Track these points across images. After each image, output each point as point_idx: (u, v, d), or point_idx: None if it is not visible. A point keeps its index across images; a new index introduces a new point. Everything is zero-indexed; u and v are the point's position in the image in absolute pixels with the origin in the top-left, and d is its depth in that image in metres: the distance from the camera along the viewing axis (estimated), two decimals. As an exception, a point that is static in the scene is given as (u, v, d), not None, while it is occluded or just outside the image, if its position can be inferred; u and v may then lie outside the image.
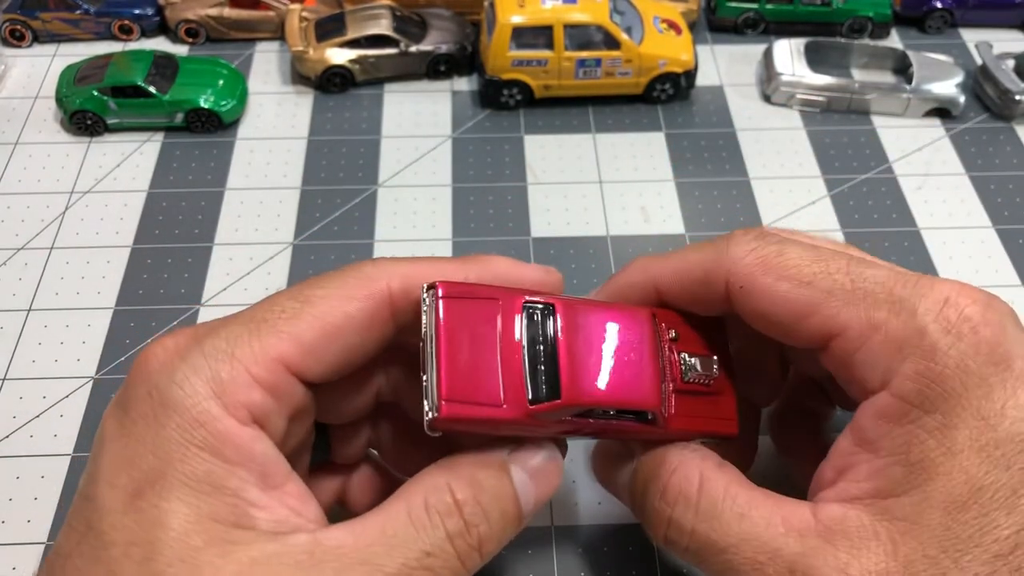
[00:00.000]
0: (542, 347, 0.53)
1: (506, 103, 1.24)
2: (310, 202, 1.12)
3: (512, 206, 1.11)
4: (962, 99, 1.23)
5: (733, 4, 1.36)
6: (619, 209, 1.11)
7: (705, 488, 0.53)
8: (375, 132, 1.22)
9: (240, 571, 0.43)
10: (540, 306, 0.54)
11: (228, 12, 1.33)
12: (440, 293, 0.51)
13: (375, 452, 0.68)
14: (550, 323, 0.53)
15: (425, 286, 0.52)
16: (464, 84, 1.30)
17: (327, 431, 0.63)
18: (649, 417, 0.55)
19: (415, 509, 0.48)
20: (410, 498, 0.49)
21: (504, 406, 0.51)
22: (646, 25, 1.24)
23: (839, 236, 1.09)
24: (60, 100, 1.19)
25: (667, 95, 1.25)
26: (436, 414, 0.49)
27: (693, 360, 0.58)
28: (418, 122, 1.23)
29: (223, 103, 1.20)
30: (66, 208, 1.11)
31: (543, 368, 0.52)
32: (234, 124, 1.22)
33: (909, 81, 1.24)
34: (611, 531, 0.82)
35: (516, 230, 1.09)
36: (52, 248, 1.06)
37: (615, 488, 0.65)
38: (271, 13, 1.34)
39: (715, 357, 0.60)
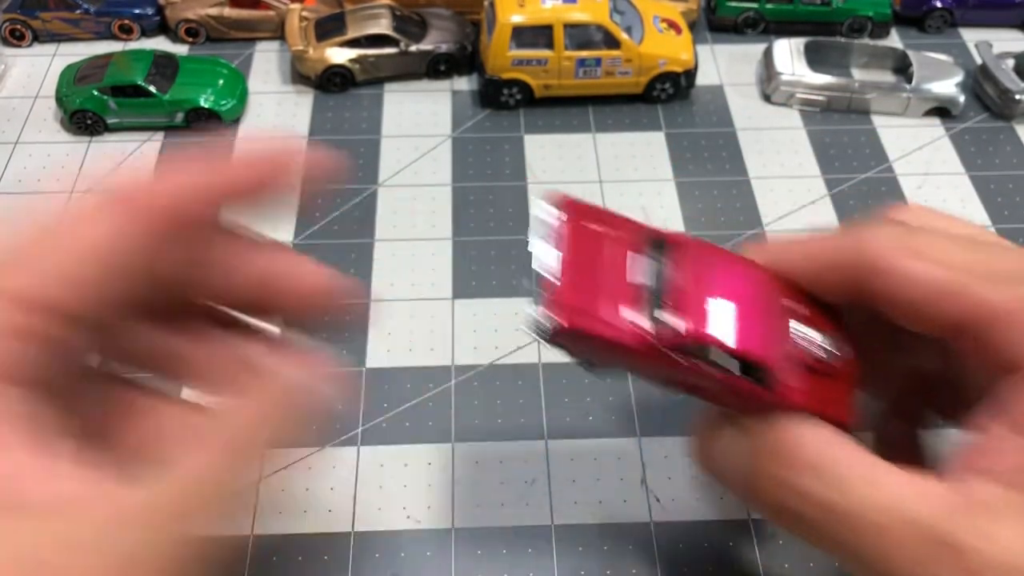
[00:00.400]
0: (663, 280, 0.52)
1: (506, 103, 1.24)
2: (310, 201, 1.12)
3: (512, 206, 1.12)
4: (962, 99, 1.23)
5: (733, 3, 1.36)
6: (619, 208, 1.11)
7: (831, 456, 0.51)
8: (375, 132, 1.22)
9: (20, 558, 0.35)
10: (663, 240, 0.53)
11: (228, 12, 1.33)
12: (562, 209, 0.52)
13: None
14: (673, 258, 0.53)
15: (550, 201, 0.52)
16: (464, 84, 1.30)
17: None
18: (763, 378, 0.53)
19: (229, 444, 0.43)
20: (211, 441, 0.43)
21: (622, 328, 0.50)
22: (646, 25, 1.24)
23: (839, 235, 1.09)
24: (60, 100, 1.19)
25: (667, 95, 1.25)
26: (560, 324, 0.49)
27: (814, 331, 0.56)
28: (418, 122, 1.24)
29: (223, 103, 1.20)
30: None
31: (662, 300, 0.51)
32: (234, 124, 1.22)
33: (909, 81, 1.24)
34: (611, 530, 0.82)
35: (516, 230, 1.09)
36: (52, 247, 1.06)
37: (715, 459, 0.62)
38: (271, 13, 1.34)
39: (839, 331, 0.57)
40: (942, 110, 1.24)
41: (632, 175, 1.16)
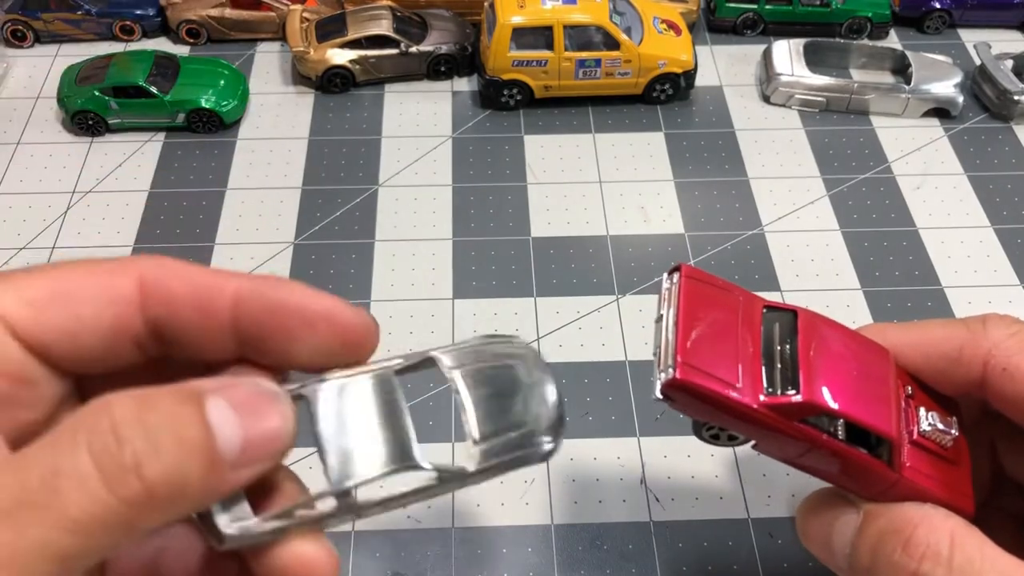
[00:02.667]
0: (780, 348, 0.52)
1: (506, 103, 1.24)
2: (311, 202, 1.12)
3: (512, 206, 1.12)
4: (961, 99, 1.23)
5: (732, 5, 1.36)
6: (619, 209, 1.12)
7: (958, 545, 0.51)
8: (376, 132, 1.22)
9: None
10: (781, 310, 0.53)
11: (229, 13, 1.33)
12: (683, 272, 0.52)
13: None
14: (790, 327, 0.53)
15: (670, 268, 0.53)
16: (464, 84, 1.30)
17: None
18: (884, 455, 0.53)
19: (59, 431, 0.37)
20: (61, 424, 0.38)
21: (739, 387, 0.50)
22: (646, 26, 1.24)
23: (838, 236, 1.09)
24: (62, 100, 1.20)
25: (667, 95, 1.25)
26: (672, 374, 0.49)
27: (931, 415, 0.55)
28: (418, 122, 1.24)
29: (224, 103, 1.20)
30: (68, 208, 1.11)
31: (780, 366, 0.51)
32: (235, 124, 1.23)
33: (908, 81, 1.25)
34: (611, 529, 0.82)
35: (516, 230, 1.09)
36: (54, 248, 1.07)
37: (824, 540, 0.60)
38: (272, 14, 1.34)
39: (954, 419, 0.57)
40: (941, 111, 1.24)
41: (632, 175, 1.16)
